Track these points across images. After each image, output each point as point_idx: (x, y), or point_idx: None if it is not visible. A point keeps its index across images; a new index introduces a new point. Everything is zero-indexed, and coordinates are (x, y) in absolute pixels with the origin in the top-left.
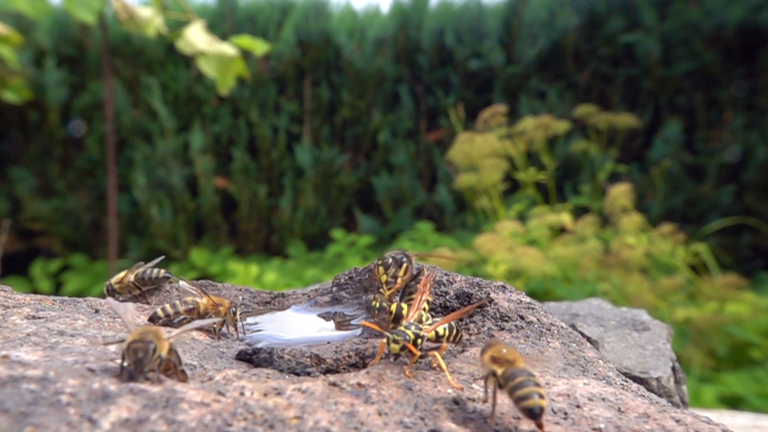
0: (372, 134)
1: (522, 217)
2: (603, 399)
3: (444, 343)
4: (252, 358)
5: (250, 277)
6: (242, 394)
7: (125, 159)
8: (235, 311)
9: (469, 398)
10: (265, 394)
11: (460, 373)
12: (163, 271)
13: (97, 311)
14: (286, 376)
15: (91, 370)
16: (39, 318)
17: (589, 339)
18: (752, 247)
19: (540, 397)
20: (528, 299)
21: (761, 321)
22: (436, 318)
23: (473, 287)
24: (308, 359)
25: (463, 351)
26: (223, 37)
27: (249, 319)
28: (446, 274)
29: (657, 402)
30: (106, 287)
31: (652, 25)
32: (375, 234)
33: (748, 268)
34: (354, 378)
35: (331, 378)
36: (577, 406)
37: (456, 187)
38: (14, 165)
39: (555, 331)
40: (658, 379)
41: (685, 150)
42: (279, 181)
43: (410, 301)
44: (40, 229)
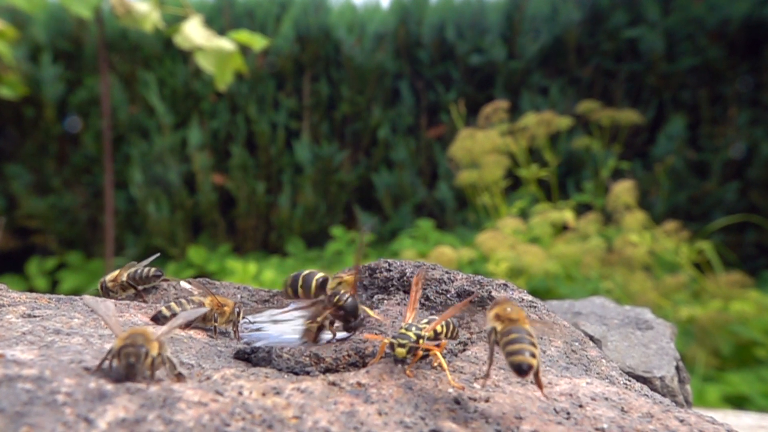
0: (372, 130)
1: (524, 215)
2: (606, 398)
3: (443, 340)
4: (250, 357)
5: (249, 275)
6: (240, 393)
7: (122, 155)
8: (239, 312)
9: (470, 398)
10: (263, 394)
11: (461, 372)
12: (154, 269)
13: (93, 310)
14: (285, 376)
15: (88, 369)
16: (35, 316)
17: (591, 338)
18: (757, 245)
19: (531, 356)
20: (530, 297)
21: (766, 319)
22: (432, 316)
23: (474, 285)
24: (307, 358)
25: (464, 350)
26: (221, 32)
27: (248, 318)
28: (447, 273)
29: (660, 402)
30: (100, 285)
31: (655, 20)
32: (374, 232)
33: (753, 266)
34: (354, 377)
35: (331, 377)
36: (580, 406)
37: (457, 183)
38: (10, 162)
39: (557, 330)
40: (661, 379)
41: (689, 146)
42: (278, 177)
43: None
44: (36, 227)
